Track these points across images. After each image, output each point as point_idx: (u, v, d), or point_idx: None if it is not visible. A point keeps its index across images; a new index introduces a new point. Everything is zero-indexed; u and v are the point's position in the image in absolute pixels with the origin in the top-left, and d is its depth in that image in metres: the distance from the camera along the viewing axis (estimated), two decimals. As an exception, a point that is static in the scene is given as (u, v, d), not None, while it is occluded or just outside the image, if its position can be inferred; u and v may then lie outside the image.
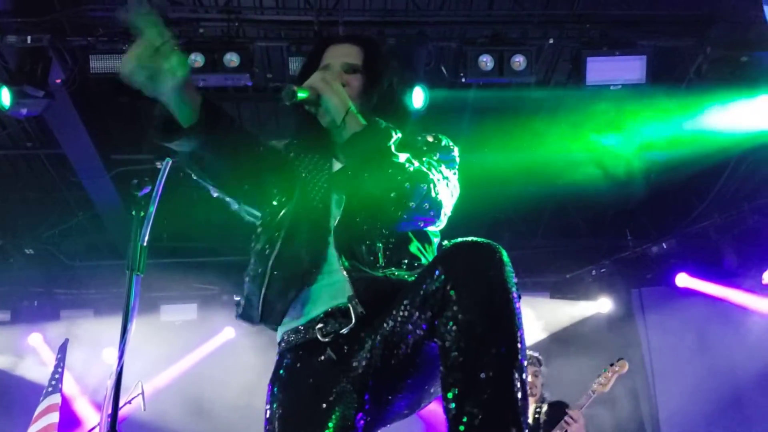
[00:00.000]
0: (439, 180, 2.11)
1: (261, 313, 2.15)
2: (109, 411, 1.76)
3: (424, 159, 2.15)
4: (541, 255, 9.85)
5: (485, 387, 1.63)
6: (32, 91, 5.34)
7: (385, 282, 2.01)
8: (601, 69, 5.70)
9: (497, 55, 5.63)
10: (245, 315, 2.21)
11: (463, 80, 5.74)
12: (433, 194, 2.06)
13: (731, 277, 8.64)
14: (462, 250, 1.81)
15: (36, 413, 7.45)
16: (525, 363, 1.71)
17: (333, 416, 1.91)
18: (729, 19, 5.76)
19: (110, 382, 1.79)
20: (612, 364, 6.05)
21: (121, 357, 1.76)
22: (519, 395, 1.66)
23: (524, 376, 1.69)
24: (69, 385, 8.96)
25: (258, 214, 2.33)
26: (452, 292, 1.72)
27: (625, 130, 6.59)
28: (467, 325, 1.68)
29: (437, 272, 1.78)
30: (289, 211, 2.20)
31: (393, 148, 2.04)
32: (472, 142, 7.08)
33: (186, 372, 10.02)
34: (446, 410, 1.68)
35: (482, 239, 1.83)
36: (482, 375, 1.64)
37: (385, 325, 1.91)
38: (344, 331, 2.01)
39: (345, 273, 2.03)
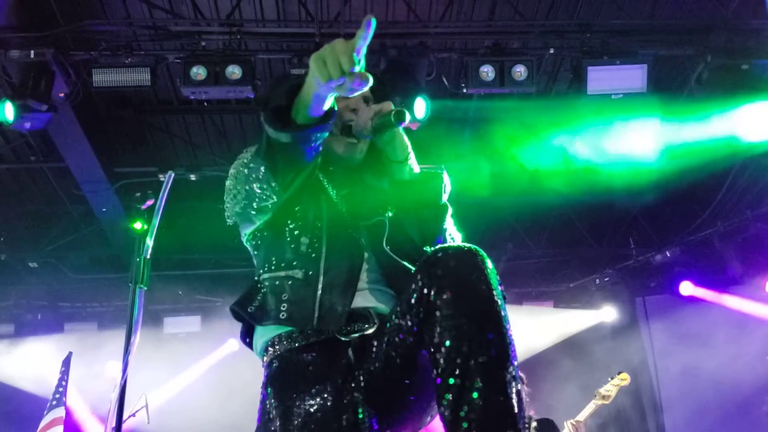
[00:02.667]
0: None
1: (318, 316, 2.03)
2: (114, 424, 1.76)
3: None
4: (545, 264, 9.86)
5: (479, 394, 1.61)
6: (35, 105, 5.36)
7: None
8: (602, 78, 5.70)
9: (498, 65, 5.64)
10: (292, 319, 2.06)
11: (465, 91, 5.75)
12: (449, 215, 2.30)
13: (735, 284, 8.64)
14: (443, 256, 1.78)
15: (40, 427, 7.44)
16: (516, 364, 1.68)
17: (343, 421, 1.85)
18: (729, 28, 5.76)
19: (114, 395, 1.80)
20: (613, 377, 6.04)
21: (125, 370, 1.76)
22: (514, 399, 1.63)
23: (517, 379, 1.67)
24: (73, 399, 8.94)
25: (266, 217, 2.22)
26: (435, 300, 1.70)
27: (625, 139, 6.59)
28: (454, 332, 1.66)
29: (419, 280, 1.76)
30: (322, 217, 2.16)
31: (443, 197, 2.24)
32: (475, 153, 7.10)
33: (190, 384, 10.02)
34: (442, 418, 1.66)
35: (464, 244, 1.82)
36: (475, 382, 1.62)
37: (381, 335, 1.90)
38: (370, 331, 1.99)
39: (384, 278, 2.12)
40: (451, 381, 1.64)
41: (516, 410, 1.62)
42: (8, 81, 5.51)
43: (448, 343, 1.66)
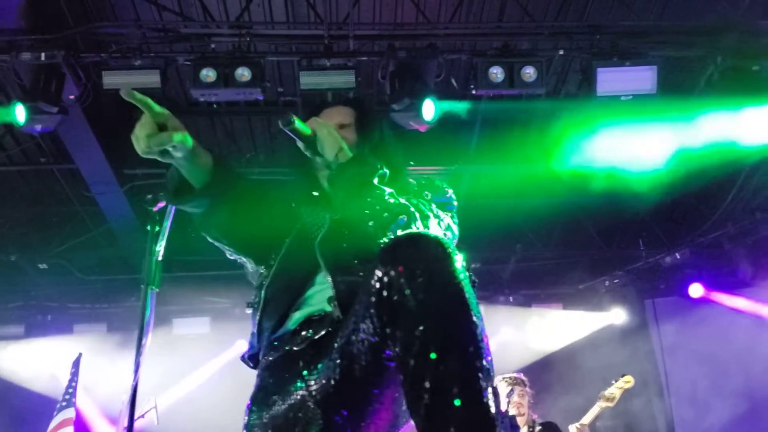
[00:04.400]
0: (426, 217, 2.08)
1: (258, 336, 2.18)
2: (125, 425, 1.76)
3: (412, 198, 2.13)
4: (554, 266, 9.84)
5: (452, 392, 1.51)
6: (46, 107, 5.38)
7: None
8: (611, 80, 5.68)
9: (507, 66, 5.62)
10: (250, 346, 2.25)
11: (474, 92, 5.74)
12: (414, 227, 1.99)
13: (745, 286, 8.61)
14: (399, 248, 1.68)
15: (50, 427, 7.48)
16: (489, 359, 1.58)
17: None
18: (740, 29, 5.74)
19: (125, 396, 1.80)
20: (617, 380, 6.03)
21: (136, 371, 1.76)
22: (489, 397, 1.53)
23: (491, 374, 1.57)
24: (83, 400, 8.98)
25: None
26: (394, 296, 1.61)
27: (635, 141, 6.57)
28: (418, 329, 1.56)
29: (378, 274, 1.66)
30: (286, 246, 2.26)
31: (376, 181, 2.08)
32: (483, 154, 7.09)
33: (199, 385, 10.04)
34: (415, 416, 1.56)
35: (422, 232, 1.76)
36: (448, 379, 1.52)
37: (341, 334, 1.84)
38: (318, 336, 2.00)
39: (330, 279, 2.06)
40: (420, 385, 1.54)
41: (490, 408, 1.53)
42: (19, 83, 5.53)
43: (411, 343, 1.56)
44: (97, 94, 5.67)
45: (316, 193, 2.39)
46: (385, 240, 1.86)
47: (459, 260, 1.66)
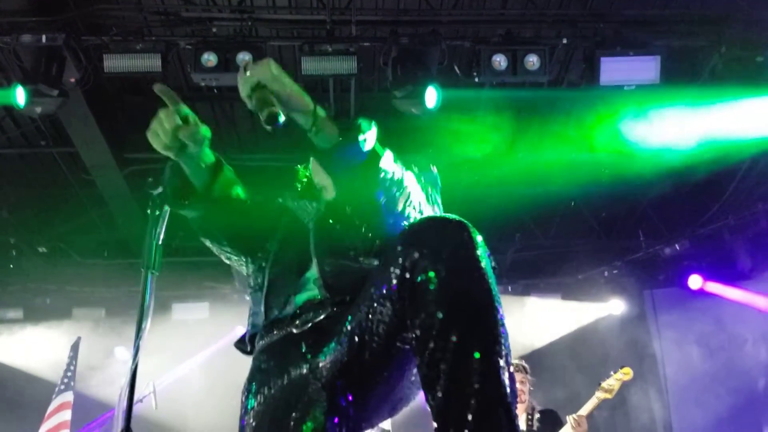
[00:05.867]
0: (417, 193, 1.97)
1: (265, 314, 2.16)
2: (123, 408, 1.76)
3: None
4: (553, 256, 9.83)
5: (470, 377, 1.50)
6: (46, 89, 5.36)
7: (360, 271, 1.95)
8: (614, 69, 5.66)
9: (511, 54, 5.60)
10: (254, 327, 2.21)
11: (477, 80, 5.71)
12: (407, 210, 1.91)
13: (744, 279, 8.60)
14: (423, 230, 1.66)
15: (49, 411, 7.51)
16: (508, 344, 1.57)
17: (306, 422, 1.81)
18: (744, 19, 5.71)
19: (124, 380, 1.79)
20: (616, 371, 6.03)
21: (135, 355, 1.76)
22: (507, 382, 1.53)
23: (509, 360, 1.57)
24: (81, 383, 9.00)
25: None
26: (417, 277, 1.58)
27: (637, 130, 6.55)
28: (441, 311, 1.55)
29: (400, 255, 1.64)
30: (281, 232, 2.26)
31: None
32: (484, 143, 7.06)
33: (197, 370, 10.06)
34: (430, 400, 1.56)
35: (447, 215, 1.69)
36: (466, 364, 1.51)
37: (351, 317, 1.82)
38: (319, 319, 1.99)
39: (316, 266, 2.05)
40: (438, 367, 1.53)
41: (509, 392, 1.53)
42: (20, 65, 5.51)
43: (431, 326, 1.55)
44: (97, 78, 5.65)
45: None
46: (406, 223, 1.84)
47: (483, 245, 1.65)
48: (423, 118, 5.71)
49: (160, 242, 1.99)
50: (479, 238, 1.65)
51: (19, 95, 5.33)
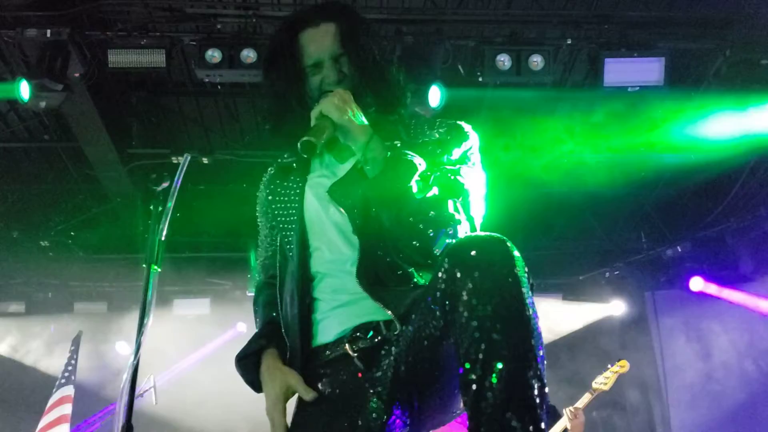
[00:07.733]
0: (463, 205, 2.14)
1: (300, 333, 2.14)
2: (124, 403, 1.76)
3: (441, 173, 2.08)
4: (555, 256, 9.81)
5: (502, 386, 1.57)
6: (51, 84, 5.36)
7: (415, 288, 2.01)
8: (618, 70, 5.66)
9: (515, 54, 5.60)
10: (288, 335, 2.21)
11: (480, 79, 5.71)
12: (459, 234, 2.02)
13: (746, 281, 8.59)
14: (468, 247, 1.72)
15: (49, 404, 7.51)
16: (542, 354, 1.64)
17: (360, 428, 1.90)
18: (749, 22, 5.70)
19: (125, 375, 1.80)
20: (612, 364, 6.04)
21: (137, 350, 1.76)
22: (537, 393, 1.59)
23: (542, 373, 1.62)
24: (82, 377, 9.02)
25: None
26: (461, 291, 1.65)
27: (642, 132, 6.54)
28: (477, 326, 1.61)
29: (445, 272, 1.71)
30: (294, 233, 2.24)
31: (414, 188, 1.95)
32: (487, 142, 7.05)
33: (198, 366, 10.08)
34: (467, 408, 1.62)
35: (490, 233, 1.77)
36: (495, 374, 1.57)
37: (406, 331, 1.89)
38: (375, 341, 2.02)
39: (370, 293, 2.02)
40: (475, 374, 1.59)
41: (539, 402, 1.59)
42: (24, 60, 5.52)
43: (471, 336, 1.61)
44: (102, 73, 5.66)
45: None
46: (428, 257, 1.95)
47: (521, 261, 1.72)
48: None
49: (162, 238, 1.99)
50: (517, 253, 1.73)
51: (24, 89, 5.34)
